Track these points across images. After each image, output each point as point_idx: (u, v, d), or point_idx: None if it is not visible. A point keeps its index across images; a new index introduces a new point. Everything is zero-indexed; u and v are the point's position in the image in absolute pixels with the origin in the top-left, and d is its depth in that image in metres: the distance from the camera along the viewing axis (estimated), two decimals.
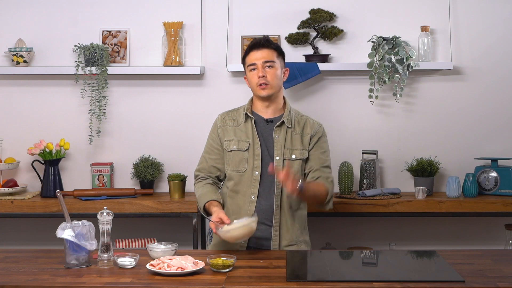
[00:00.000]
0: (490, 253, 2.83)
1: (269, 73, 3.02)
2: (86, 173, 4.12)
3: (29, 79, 4.13)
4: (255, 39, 3.11)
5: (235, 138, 3.07)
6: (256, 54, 3.05)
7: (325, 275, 2.48)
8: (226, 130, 3.11)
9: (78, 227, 2.56)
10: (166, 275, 2.43)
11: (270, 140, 3.05)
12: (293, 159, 3.04)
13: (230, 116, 3.14)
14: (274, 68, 3.04)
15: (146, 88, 4.12)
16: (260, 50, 3.04)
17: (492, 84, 4.05)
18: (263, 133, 3.07)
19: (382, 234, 4.10)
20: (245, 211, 2.99)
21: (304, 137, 3.09)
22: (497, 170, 3.91)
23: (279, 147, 3.03)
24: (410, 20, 4.02)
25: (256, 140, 3.05)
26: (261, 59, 3.03)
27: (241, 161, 3.05)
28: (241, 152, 3.05)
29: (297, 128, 3.10)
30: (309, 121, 3.14)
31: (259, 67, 3.02)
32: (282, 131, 3.06)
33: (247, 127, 3.08)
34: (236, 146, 3.06)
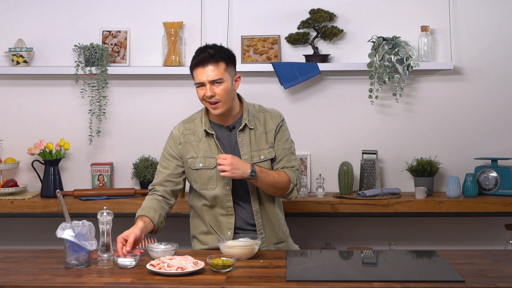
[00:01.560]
0: (490, 253, 2.83)
1: (218, 91, 2.86)
2: (86, 173, 4.12)
3: (29, 79, 4.13)
4: (199, 52, 2.89)
5: (200, 155, 2.97)
6: (202, 72, 2.86)
7: (325, 275, 2.48)
8: (187, 147, 2.99)
9: (78, 227, 2.56)
10: (166, 275, 2.43)
11: (236, 147, 2.98)
12: (263, 160, 2.98)
13: (189, 130, 3.01)
14: (223, 84, 2.86)
15: (146, 88, 4.12)
16: (205, 67, 2.85)
17: (492, 84, 4.05)
18: (228, 142, 2.98)
19: (382, 234, 4.10)
20: (226, 224, 2.97)
21: (269, 133, 3.00)
22: (497, 170, 3.91)
23: (246, 152, 2.96)
24: (410, 20, 4.02)
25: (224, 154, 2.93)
26: (206, 77, 2.85)
27: (209, 179, 2.96)
28: (209, 170, 2.96)
29: (260, 127, 3.00)
30: (268, 115, 3.03)
31: (207, 86, 2.86)
32: (245, 134, 2.98)
33: (210, 142, 2.97)
34: (203, 163, 2.96)
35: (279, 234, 3.06)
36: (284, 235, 3.09)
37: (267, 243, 3.02)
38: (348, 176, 3.92)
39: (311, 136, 4.09)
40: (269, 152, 2.99)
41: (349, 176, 3.92)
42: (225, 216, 2.98)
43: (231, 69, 2.92)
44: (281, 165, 3.00)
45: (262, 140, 2.99)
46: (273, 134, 3.00)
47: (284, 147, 3.02)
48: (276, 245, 3.05)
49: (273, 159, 3.01)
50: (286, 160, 3.00)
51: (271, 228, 3.04)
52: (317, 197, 3.90)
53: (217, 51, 2.89)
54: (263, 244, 2.99)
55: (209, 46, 2.93)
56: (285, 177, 2.95)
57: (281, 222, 3.09)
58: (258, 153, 2.98)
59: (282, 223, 3.10)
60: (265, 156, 2.98)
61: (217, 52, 2.89)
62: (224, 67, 2.88)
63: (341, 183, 3.92)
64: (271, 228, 3.04)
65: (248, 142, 2.97)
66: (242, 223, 3.00)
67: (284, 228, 3.10)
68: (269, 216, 3.03)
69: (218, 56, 2.87)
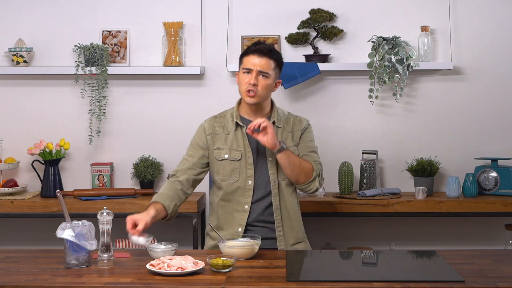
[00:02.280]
0: (490, 253, 2.83)
1: (260, 83, 2.96)
2: (86, 173, 4.13)
3: (29, 79, 4.13)
4: (260, 43, 3.03)
5: (226, 146, 3.04)
6: (255, 60, 2.97)
7: (325, 275, 2.48)
8: (215, 138, 3.06)
9: (78, 227, 2.56)
10: (166, 275, 2.43)
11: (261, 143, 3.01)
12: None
13: (218, 123, 3.09)
14: (267, 79, 2.97)
15: (146, 88, 4.12)
16: (260, 57, 2.97)
17: (492, 84, 4.05)
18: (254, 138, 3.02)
19: (382, 234, 4.10)
20: (238, 221, 3.00)
21: (295, 134, 3.09)
22: (497, 170, 3.91)
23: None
24: (410, 20, 4.03)
25: (248, 149, 3.02)
26: (257, 66, 2.96)
27: (233, 170, 3.02)
28: (234, 162, 3.02)
29: (287, 127, 3.09)
30: (296, 119, 3.14)
31: (253, 74, 2.96)
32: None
33: (237, 135, 3.04)
34: (229, 155, 3.03)
35: (299, 233, 3.08)
36: (303, 235, 3.12)
37: (284, 243, 3.02)
38: (348, 176, 3.92)
39: None
40: (293, 150, 3.05)
41: (349, 176, 3.92)
42: (239, 212, 3.01)
43: (277, 71, 3.05)
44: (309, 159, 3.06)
45: (288, 138, 3.07)
46: (298, 134, 3.09)
47: (308, 145, 3.10)
48: (293, 245, 3.05)
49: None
50: (309, 156, 3.07)
51: (291, 226, 3.05)
52: (317, 197, 3.90)
53: (274, 50, 3.04)
54: (280, 243, 3.01)
55: (269, 44, 3.08)
56: (309, 164, 3.01)
57: (300, 221, 3.12)
58: None
59: (301, 222, 3.13)
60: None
61: (274, 51, 3.04)
62: (273, 66, 3.01)
63: (341, 183, 3.92)
64: (290, 226, 3.05)
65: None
66: (255, 220, 3.01)
67: (302, 228, 3.13)
68: (289, 213, 3.05)
69: (274, 54, 3.02)
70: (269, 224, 3.03)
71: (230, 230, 3.00)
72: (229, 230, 3.00)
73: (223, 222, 3.04)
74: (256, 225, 3.02)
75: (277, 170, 3.02)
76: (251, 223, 3.02)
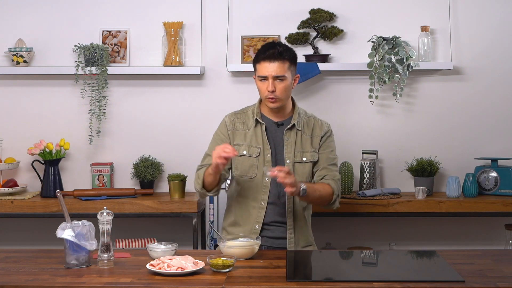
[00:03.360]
0: (490, 253, 2.83)
1: (278, 87, 2.97)
2: (86, 173, 4.12)
3: (29, 79, 4.13)
4: (270, 47, 2.99)
5: (245, 143, 3.06)
6: (268, 66, 2.96)
7: (325, 275, 2.48)
8: (236, 133, 3.09)
9: (78, 227, 2.56)
10: (166, 275, 2.43)
11: (280, 143, 3.06)
12: (304, 162, 3.05)
13: (239, 119, 3.11)
14: (284, 82, 2.98)
15: (146, 88, 4.12)
16: (272, 62, 2.96)
17: (492, 84, 4.05)
18: (274, 136, 3.07)
19: (382, 234, 4.10)
20: (255, 218, 3.02)
21: (314, 138, 3.09)
22: (497, 170, 3.91)
23: (290, 150, 3.04)
24: (410, 20, 4.02)
25: (267, 146, 3.04)
26: (272, 73, 2.95)
27: (251, 166, 3.04)
28: (252, 158, 3.04)
29: (307, 130, 3.09)
30: (317, 122, 3.14)
31: (270, 80, 2.96)
32: (292, 134, 3.06)
33: (257, 132, 3.06)
34: (247, 151, 3.05)
35: (308, 237, 3.10)
36: (312, 239, 3.14)
37: (295, 245, 3.03)
38: (348, 176, 3.92)
39: None
40: (312, 155, 3.05)
41: (349, 176, 3.92)
42: (256, 209, 3.02)
43: (293, 69, 3.03)
44: (324, 173, 3.05)
45: (307, 142, 3.06)
46: (318, 140, 3.09)
47: (329, 157, 3.09)
48: (303, 248, 3.06)
49: (315, 163, 3.06)
50: (329, 170, 3.06)
51: (302, 230, 3.07)
52: None
53: (285, 50, 3.00)
54: (291, 245, 3.02)
55: (278, 43, 3.05)
56: (329, 189, 3.01)
57: (309, 226, 3.14)
58: (301, 154, 3.05)
59: (310, 227, 3.15)
60: (307, 158, 3.05)
61: (285, 50, 3.00)
62: (288, 66, 2.99)
63: (341, 183, 3.91)
64: (301, 229, 3.07)
65: (293, 141, 3.05)
66: (271, 219, 3.03)
67: (311, 232, 3.15)
68: (303, 216, 3.07)
69: (285, 55, 2.99)
70: (283, 224, 3.04)
71: (247, 226, 3.02)
72: (246, 227, 3.03)
73: (240, 218, 3.06)
74: (273, 224, 3.03)
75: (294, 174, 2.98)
76: (267, 222, 3.03)
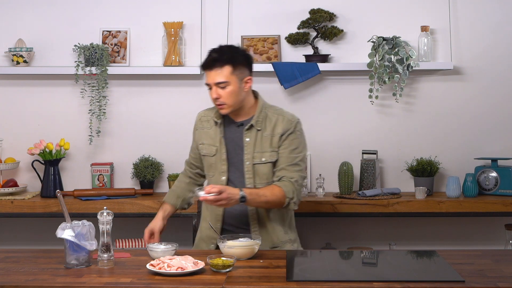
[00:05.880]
0: (490, 253, 2.83)
1: (223, 94, 2.89)
2: (86, 173, 4.13)
3: (29, 79, 4.13)
4: (207, 55, 2.93)
5: (206, 142, 3.05)
6: (209, 74, 2.90)
7: (325, 275, 2.48)
8: (201, 133, 3.09)
9: (78, 227, 2.56)
10: (166, 275, 2.43)
11: (240, 144, 2.99)
12: (264, 162, 2.95)
13: (206, 117, 3.09)
14: (228, 87, 2.88)
15: (146, 88, 4.12)
16: (210, 70, 2.90)
17: (492, 84, 4.05)
18: (233, 137, 3.01)
19: (382, 234, 4.10)
20: (214, 216, 3.00)
21: (274, 137, 2.95)
22: (497, 170, 3.91)
23: (249, 151, 2.96)
24: (410, 20, 4.03)
25: (223, 144, 2.99)
26: (212, 80, 2.89)
27: (210, 166, 3.04)
28: (210, 157, 3.04)
29: (268, 128, 2.96)
30: (280, 119, 2.97)
31: (213, 88, 2.91)
32: (252, 134, 2.97)
33: (216, 131, 3.03)
34: (206, 151, 3.05)
35: (274, 239, 2.99)
36: (279, 241, 3.00)
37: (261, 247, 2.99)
38: (348, 176, 3.92)
39: (311, 136, 4.07)
40: (271, 155, 2.95)
41: (349, 176, 3.92)
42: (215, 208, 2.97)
43: (239, 71, 2.91)
44: (281, 174, 2.92)
45: (266, 142, 2.96)
46: (278, 138, 2.95)
47: (289, 156, 2.94)
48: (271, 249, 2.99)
49: (275, 163, 2.96)
50: (287, 171, 2.93)
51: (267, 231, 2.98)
52: (317, 197, 3.90)
53: (222, 55, 2.90)
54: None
55: (216, 49, 2.95)
56: (279, 193, 2.87)
57: (284, 225, 3.02)
58: (260, 155, 2.96)
59: (284, 225, 3.03)
60: (266, 158, 2.95)
61: (222, 55, 2.90)
62: (230, 70, 2.89)
63: (341, 183, 3.92)
64: (266, 231, 2.98)
65: (253, 142, 2.96)
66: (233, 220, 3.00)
67: (281, 233, 3.01)
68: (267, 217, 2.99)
69: (222, 60, 2.88)
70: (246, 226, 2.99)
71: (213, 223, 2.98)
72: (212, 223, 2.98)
73: (207, 215, 3.06)
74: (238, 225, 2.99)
75: (254, 175, 2.96)
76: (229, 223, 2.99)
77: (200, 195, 2.73)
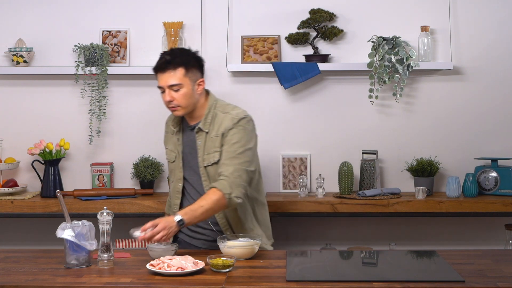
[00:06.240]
0: (490, 253, 2.84)
1: (177, 96, 2.90)
2: (86, 173, 4.12)
3: (29, 79, 4.13)
4: (159, 58, 2.94)
5: (169, 148, 3.09)
6: (162, 77, 2.91)
7: (325, 275, 2.48)
8: (167, 137, 3.13)
9: (78, 227, 2.56)
10: (166, 275, 2.43)
11: (194, 148, 3.00)
12: (211, 164, 2.94)
13: (171, 121, 3.09)
14: (181, 90, 2.89)
15: (146, 88, 4.12)
16: (163, 73, 2.90)
17: (492, 84, 4.05)
18: (189, 141, 3.02)
19: (382, 234, 4.10)
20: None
21: (219, 137, 2.93)
22: (497, 170, 3.91)
23: (200, 154, 2.97)
24: (410, 20, 4.02)
25: (180, 150, 3.02)
26: (165, 83, 2.90)
27: (171, 171, 3.09)
28: (171, 163, 3.08)
29: (215, 129, 2.95)
30: (226, 117, 2.95)
31: (166, 91, 2.91)
32: (201, 137, 2.97)
33: (176, 137, 3.06)
34: (168, 156, 3.09)
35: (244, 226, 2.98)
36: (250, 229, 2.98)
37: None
38: (348, 176, 3.91)
39: (311, 136, 4.09)
40: (215, 155, 2.93)
41: (349, 176, 3.92)
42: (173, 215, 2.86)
43: (192, 74, 2.93)
44: (220, 170, 2.88)
45: (214, 143, 2.94)
46: (221, 137, 2.93)
47: (228, 150, 2.90)
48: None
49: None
50: (225, 165, 2.87)
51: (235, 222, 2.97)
52: (317, 197, 3.90)
53: (175, 57, 2.91)
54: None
55: (168, 52, 2.98)
56: (215, 195, 2.79)
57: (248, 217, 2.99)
58: (208, 157, 2.95)
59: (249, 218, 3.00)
60: (214, 159, 2.93)
61: (175, 58, 2.91)
62: (183, 73, 2.90)
63: (341, 183, 3.92)
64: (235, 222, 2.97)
65: (203, 144, 2.97)
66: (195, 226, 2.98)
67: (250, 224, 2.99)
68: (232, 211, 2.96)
69: (175, 62, 2.89)
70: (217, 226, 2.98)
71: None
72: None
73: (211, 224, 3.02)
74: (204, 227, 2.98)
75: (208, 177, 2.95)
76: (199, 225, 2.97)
77: (136, 236, 2.66)
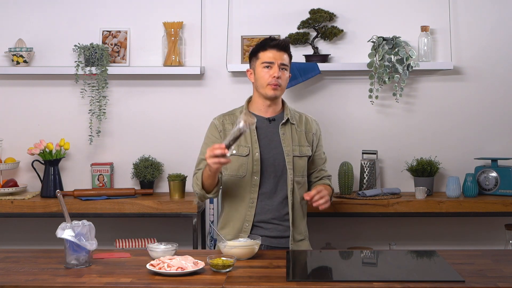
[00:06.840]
0: (490, 253, 2.83)
1: (282, 76, 3.07)
2: (86, 173, 4.12)
3: (29, 79, 4.13)
4: (275, 39, 3.13)
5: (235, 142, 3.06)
6: (276, 54, 3.07)
7: (325, 275, 2.48)
8: (226, 134, 3.09)
9: (78, 227, 2.56)
10: (166, 275, 2.43)
11: (275, 139, 3.09)
12: (301, 156, 3.11)
13: (228, 120, 3.15)
14: (286, 72, 3.10)
15: (146, 88, 4.12)
16: (280, 51, 3.08)
17: (492, 84, 4.05)
18: (266, 133, 3.10)
19: (382, 234, 4.10)
20: (244, 216, 3.03)
21: (308, 134, 3.18)
22: (497, 170, 3.91)
23: (288, 144, 3.09)
24: (410, 20, 4.03)
25: (256, 145, 3.06)
26: (279, 60, 3.06)
27: (241, 166, 3.06)
28: (241, 158, 3.07)
29: (300, 124, 3.17)
30: (307, 119, 3.23)
31: (276, 67, 3.05)
32: (287, 128, 3.12)
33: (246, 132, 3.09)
34: (237, 151, 3.06)
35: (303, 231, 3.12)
36: (306, 232, 3.17)
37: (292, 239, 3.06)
38: (348, 176, 3.91)
39: None
40: (307, 150, 3.15)
41: (349, 176, 3.92)
42: (245, 208, 3.04)
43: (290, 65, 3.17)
44: (321, 174, 3.24)
45: (302, 137, 3.16)
46: (311, 136, 3.19)
47: (322, 157, 3.26)
48: (297, 242, 3.08)
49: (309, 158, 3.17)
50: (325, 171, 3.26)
51: (298, 223, 3.10)
52: None
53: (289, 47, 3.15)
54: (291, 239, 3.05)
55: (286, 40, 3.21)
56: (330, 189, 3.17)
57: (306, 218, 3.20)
58: (299, 148, 3.12)
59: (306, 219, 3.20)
60: (303, 152, 3.13)
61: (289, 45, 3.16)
62: (289, 60, 3.14)
63: (341, 183, 3.92)
64: (298, 223, 3.09)
65: (290, 136, 3.12)
66: (265, 216, 3.04)
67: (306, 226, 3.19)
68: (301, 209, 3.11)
69: (289, 50, 3.14)
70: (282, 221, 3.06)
71: (237, 225, 3.03)
72: (236, 225, 3.03)
73: (230, 217, 3.07)
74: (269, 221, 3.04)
75: (293, 168, 3.08)
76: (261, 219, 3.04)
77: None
